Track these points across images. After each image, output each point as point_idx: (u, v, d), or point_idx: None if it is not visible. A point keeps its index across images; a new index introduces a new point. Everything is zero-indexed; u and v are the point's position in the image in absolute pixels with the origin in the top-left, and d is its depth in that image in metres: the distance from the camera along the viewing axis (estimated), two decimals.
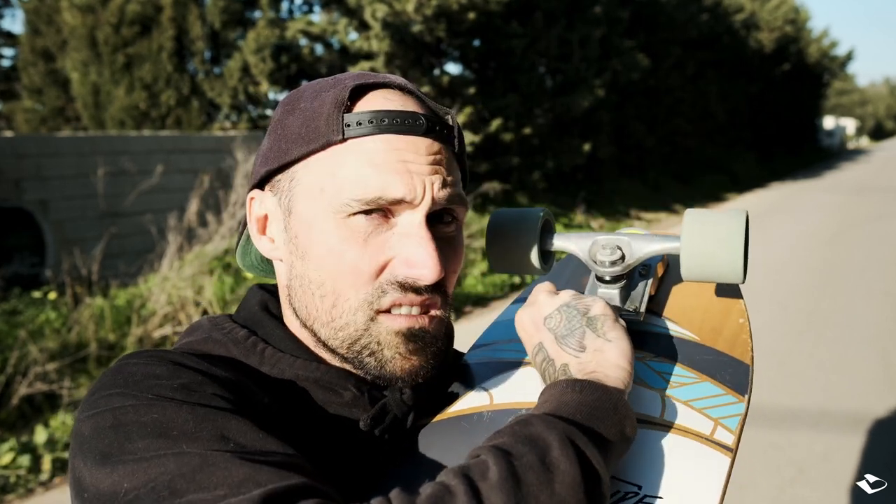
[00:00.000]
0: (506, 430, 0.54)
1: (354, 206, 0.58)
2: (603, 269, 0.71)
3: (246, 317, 0.68)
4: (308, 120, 0.60)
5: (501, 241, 0.75)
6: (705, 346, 0.68)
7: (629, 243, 0.71)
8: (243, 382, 0.59)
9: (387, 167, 0.58)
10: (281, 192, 0.63)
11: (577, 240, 0.74)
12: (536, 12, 9.63)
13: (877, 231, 9.52)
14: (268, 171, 0.63)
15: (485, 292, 6.25)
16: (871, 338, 4.78)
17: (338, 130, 0.59)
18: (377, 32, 8.15)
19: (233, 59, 9.01)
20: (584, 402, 0.55)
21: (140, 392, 0.53)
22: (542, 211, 0.75)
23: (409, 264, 0.58)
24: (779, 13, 20.32)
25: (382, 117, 0.59)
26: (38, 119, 10.66)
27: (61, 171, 5.91)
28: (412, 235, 0.59)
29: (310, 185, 0.60)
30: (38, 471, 3.14)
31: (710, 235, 0.65)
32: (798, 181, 18.35)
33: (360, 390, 0.63)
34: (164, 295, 4.50)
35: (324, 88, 0.62)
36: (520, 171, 9.99)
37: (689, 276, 0.67)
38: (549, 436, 0.51)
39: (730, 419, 0.60)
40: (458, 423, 0.66)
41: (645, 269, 0.76)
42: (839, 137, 37.94)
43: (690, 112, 15.78)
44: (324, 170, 0.59)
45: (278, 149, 0.62)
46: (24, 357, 3.62)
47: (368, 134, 0.59)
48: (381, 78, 0.63)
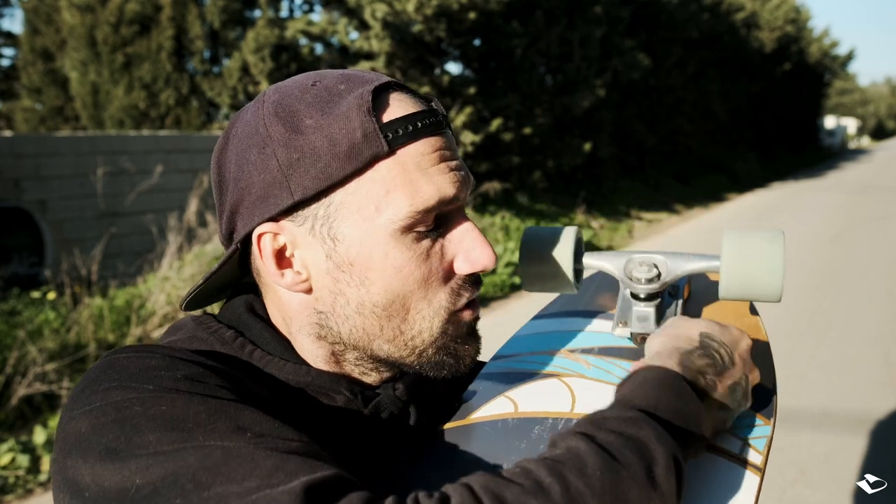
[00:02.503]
0: (607, 421, 0.51)
1: (416, 217, 0.56)
2: (639, 286, 0.71)
3: (231, 317, 0.64)
4: (336, 137, 0.55)
5: (535, 262, 0.74)
6: None
7: (665, 261, 0.72)
8: (241, 377, 0.57)
9: (436, 171, 0.57)
10: (314, 220, 0.57)
11: (612, 258, 0.74)
12: (537, 12, 9.62)
13: (879, 231, 9.50)
14: (295, 203, 0.56)
15: (484, 292, 6.24)
16: (873, 338, 4.76)
17: (380, 143, 0.55)
18: (377, 32, 8.14)
19: (232, 59, 9.00)
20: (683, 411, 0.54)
21: (141, 384, 0.50)
22: (575, 229, 0.75)
23: (471, 259, 0.59)
24: (780, 12, 20.30)
25: (415, 121, 0.57)
26: (37, 118, 10.65)
27: (60, 170, 5.90)
28: (465, 231, 0.60)
29: (359, 207, 0.56)
30: (37, 471, 3.13)
31: (752, 255, 0.66)
32: (799, 181, 18.33)
33: (353, 393, 0.61)
34: (163, 295, 4.49)
35: (325, 99, 0.57)
36: (520, 171, 9.98)
37: (727, 296, 0.68)
38: (657, 449, 0.49)
39: (757, 440, 0.62)
40: (480, 428, 0.65)
41: (674, 289, 0.77)
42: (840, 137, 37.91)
43: (691, 112, 15.76)
44: (373, 188, 0.56)
45: (303, 175, 0.55)
46: (22, 357, 3.61)
47: (409, 141, 0.56)
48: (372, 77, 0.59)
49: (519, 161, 9.74)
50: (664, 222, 11.57)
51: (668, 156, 15.60)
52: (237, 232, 0.60)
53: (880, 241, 8.66)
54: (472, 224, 0.61)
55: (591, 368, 0.70)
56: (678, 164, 15.87)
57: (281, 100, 0.58)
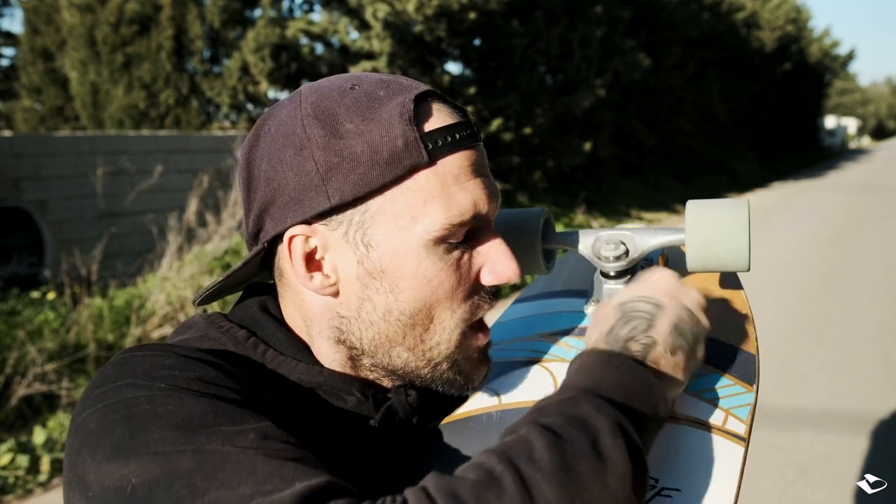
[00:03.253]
0: (549, 406, 0.51)
1: (451, 230, 0.57)
2: (608, 264, 0.71)
3: (244, 317, 0.64)
4: (377, 144, 0.55)
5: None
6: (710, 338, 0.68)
7: (632, 237, 0.72)
8: (253, 381, 0.57)
9: (473, 185, 0.58)
10: (348, 226, 0.57)
11: (581, 236, 0.74)
12: (537, 11, 9.62)
13: (879, 231, 9.49)
14: (332, 207, 0.56)
15: None
16: (873, 338, 4.76)
17: (421, 153, 0.56)
18: (378, 32, 8.14)
19: (232, 59, 9.00)
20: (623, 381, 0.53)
21: (153, 382, 0.50)
22: (542, 210, 0.75)
23: (497, 271, 0.61)
24: (780, 12, 20.29)
25: (454, 132, 0.57)
26: (37, 118, 10.66)
27: (60, 170, 5.90)
28: (493, 245, 0.61)
29: (395, 216, 0.57)
30: (37, 471, 3.12)
31: (714, 225, 0.66)
32: (800, 181, 18.33)
33: (365, 395, 0.61)
34: (163, 295, 4.48)
35: (365, 104, 0.57)
36: (520, 171, 9.98)
37: (694, 267, 0.68)
38: (598, 420, 0.49)
39: (740, 409, 0.61)
40: (466, 424, 0.65)
41: (647, 263, 0.77)
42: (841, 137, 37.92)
43: (692, 111, 15.76)
44: (411, 197, 0.56)
45: (342, 180, 0.55)
46: (22, 357, 3.60)
47: (448, 153, 0.57)
48: (411, 84, 0.60)
49: (519, 161, 9.74)
50: (664, 222, 11.56)
51: (669, 156, 15.60)
52: (265, 231, 0.59)
53: (880, 241, 8.65)
54: (500, 239, 0.61)
55: (572, 350, 0.70)
56: (678, 164, 15.87)
57: (319, 101, 0.58)
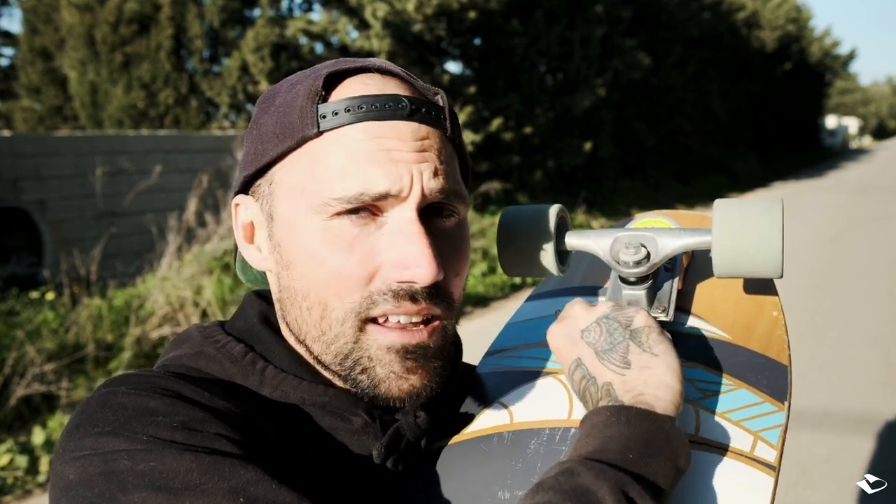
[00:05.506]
0: (548, 481, 0.48)
1: (336, 205, 0.52)
2: (627, 269, 0.64)
3: (242, 329, 0.61)
4: (282, 116, 0.55)
5: (514, 242, 0.67)
6: (738, 347, 0.63)
7: (654, 240, 0.64)
8: (247, 413, 0.53)
9: (368, 158, 0.52)
10: (262, 197, 0.57)
11: (597, 238, 0.67)
12: (537, 11, 9.61)
13: (880, 231, 9.48)
14: (247, 176, 0.58)
15: (485, 293, 6.23)
16: (873, 338, 4.75)
17: (312, 124, 0.53)
18: (377, 31, 8.13)
19: (231, 58, 8.99)
20: (633, 436, 0.49)
21: (134, 433, 0.47)
22: (557, 207, 0.68)
23: (401, 266, 0.51)
24: (780, 12, 20.28)
25: (359, 104, 0.53)
26: (36, 118, 10.65)
27: (59, 170, 5.89)
28: (402, 233, 0.52)
29: (289, 187, 0.55)
30: (36, 472, 3.12)
31: (744, 229, 0.59)
32: (800, 181, 18.31)
33: (372, 416, 0.57)
34: (162, 295, 4.47)
35: (299, 80, 0.57)
36: (520, 171, 9.97)
37: (721, 273, 0.61)
38: (599, 489, 0.46)
39: (770, 431, 0.55)
40: (476, 445, 0.60)
41: (670, 263, 0.69)
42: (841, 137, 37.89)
43: (692, 111, 15.75)
44: (301, 168, 0.54)
45: (255, 151, 0.57)
46: (21, 358, 3.60)
47: (346, 124, 0.53)
48: (360, 62, 0.57)
49: (519, 161, 9.73)
50: None
51: (669, 156, 15.59)
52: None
53: (880, 241, 8.64)
54: (419, 228, 0.52)
55: None
56: (678, 163, 15.86)
57: (276, 84, 0.60)
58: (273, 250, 0.57)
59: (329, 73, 0.55)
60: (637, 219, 0.76)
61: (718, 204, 0.62)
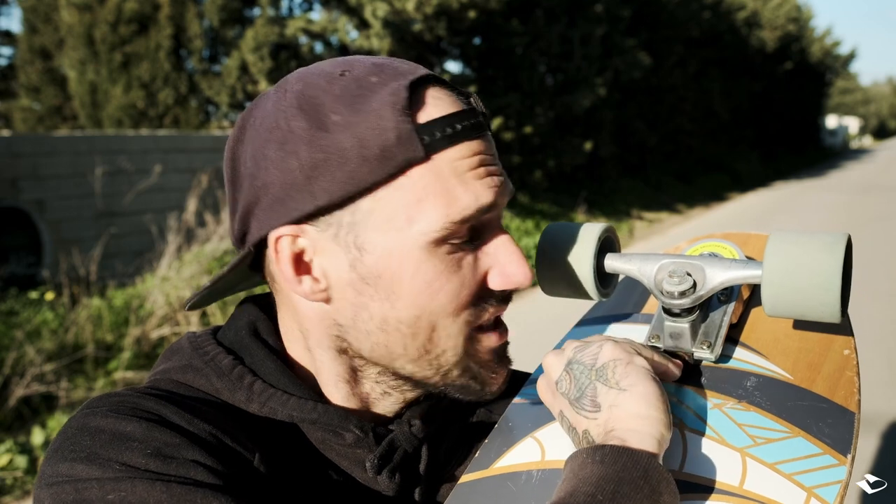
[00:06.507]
0: None
1: (450, 228, 0.51)
2: (670, 300, 0.59)
3: (233, 339, 0.60)
4: (367, 138, 0.50)
5: (553, 262, 0.63)
6: (801, 389, 0.57)
7: (703, 269, 0.59)
8: (231, 433, 0.52)
9: (473, 177, 0.52)
10: (338, 227, 0.52)
11: (641, 262, 0.62)
12: (537, 10, 9.60)
13: (881, 231, 9.47)
14: (318, 207, 0.51)
15: None
16: (876, 339, 4.74)
17: (416, 147, 0.50)
18: (377, 31, 8.12)
19: (231, 58, 8.98)
20: (606, 476, 0.46)
21: (107, 460, 0.47)
22: (602, 226, 0.64)
23: (505, 274, 0.55)
24: (781, 11, 20.28)
25: (454, 122, 0.52)
26: (35, 118, 10.65)
27: (58, 170, 5.88)
28: (501, 244, 0.55)
29: (390, 216, 0.51)
30: (35, 472, 3.11)
31: (799, 268, 0.53)
32: (801, 180, 18.30)
33: (364, 430, 0.56)
34: (162, 295, 4.47)
35: (354, 92, 0.52)
36: (521, 171, 9.97)
37: (772, 313, 0.56)
38: None
39: (827, 488, 0.49)
40: (503, 483, 0.57)
41: (726, 292, 0.63)
42: (842, 136, 37.90)
43: (693, 111, 15.74)
44: (406, 196, 0.51)
45: (328, 179, 0.51)
46: (20, 358, 3.59)
47: (448, 146, 0.51)
48: (408, 68, 0.54)
49: (519, 160, 9.73)
50: (665, 222, 11.54)
51: (670, 155, 15.58)
52: (251, 234, 0.55)
53: (883, 241, 8.63)
54: (508, 237, 0.56)
55: None
56: (679, 163, 15.85)
57: (305, 90, 0.52)
58: (360, 282, 0.53)
59: (409, 85, 0.52)
60: (698, 242, 0.71)
61: (774, 236, 0.56)
